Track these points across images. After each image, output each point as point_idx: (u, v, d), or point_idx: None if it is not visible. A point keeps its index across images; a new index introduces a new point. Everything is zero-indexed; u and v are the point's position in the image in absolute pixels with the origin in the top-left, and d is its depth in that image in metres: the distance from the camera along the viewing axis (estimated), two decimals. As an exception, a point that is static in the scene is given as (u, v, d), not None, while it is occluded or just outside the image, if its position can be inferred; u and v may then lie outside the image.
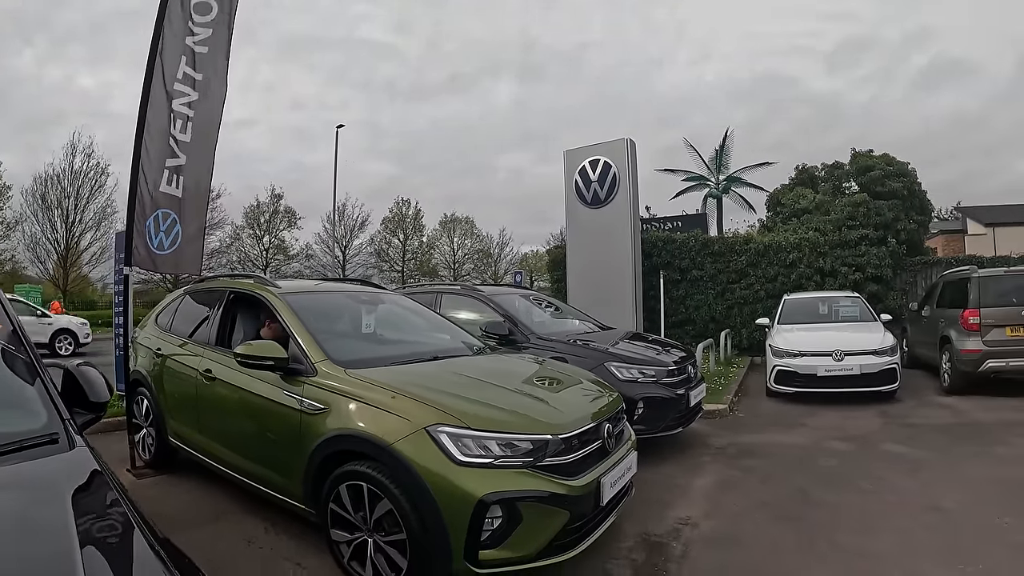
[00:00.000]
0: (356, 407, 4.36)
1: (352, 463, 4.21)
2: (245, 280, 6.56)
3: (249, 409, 5.17)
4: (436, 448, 3.88)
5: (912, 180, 19.93)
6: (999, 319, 10.98)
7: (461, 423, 3.97)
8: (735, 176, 41.04)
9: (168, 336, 6.87)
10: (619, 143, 16.60)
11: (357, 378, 4.57)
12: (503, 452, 3.93)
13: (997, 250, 29.88)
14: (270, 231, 57.59)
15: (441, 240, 65.05)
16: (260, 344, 4.97)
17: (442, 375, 4.95)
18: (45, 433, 2.49)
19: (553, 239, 55.93)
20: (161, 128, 8.45)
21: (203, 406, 5.84)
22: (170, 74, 8.54)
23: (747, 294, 18.09)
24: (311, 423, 4.54)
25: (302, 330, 5.15)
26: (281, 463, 4.85)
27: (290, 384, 4.80)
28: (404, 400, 4.21)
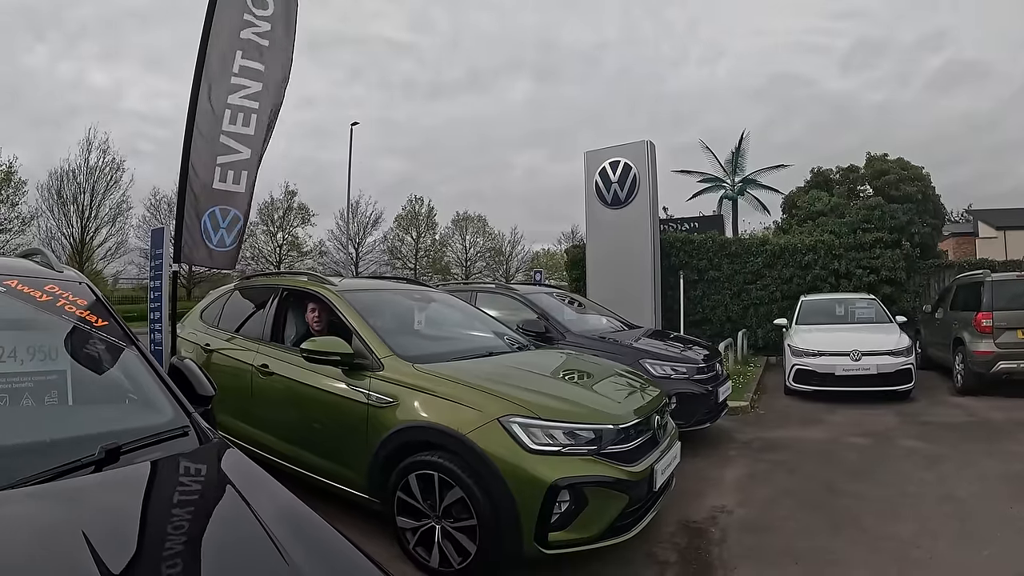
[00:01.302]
0: (427, 400, 4.56)
1: (421, 453, 4.41)
2: (299, 277, 6.74)
3: (310, 403, 5.29)
4: (508, 437, 4.12)
5: (926, 184, 20.13)
6: (1011, 322, 11.29)
7: (531, 413, 4.22)
8: (750, 178, 41.08)
9: (216, 331, 6.88)
10: (639, 145, 16.88)
11: (425, 372, 4.78)
12: (569, 440, 4.18)
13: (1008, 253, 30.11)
14: (284, 227, 57.63)
15: (453, 238, 64.98)
16: (326, 340, 5.15)
17: (504, 369, 5.18)
18: (176, 427, 2.54)
19: (565, 237, 56.16)
20: (215, 125, 8.50)
21: (258, 400, 5.89)
22: (225, 71, 8.59)
23: (763, 295, 18.35)
24: (379, 415, 4.71)
25: (365, 327, 5.31)
26: (344, 454, 5.00)
27: (354, 379, 4.99)
28: (475, 393, 4.45)
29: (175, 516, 2.06)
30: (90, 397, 2.70)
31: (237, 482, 2.27)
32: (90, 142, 45.82)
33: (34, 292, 2.78)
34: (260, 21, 8.91)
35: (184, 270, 15.70)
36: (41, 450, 2.19)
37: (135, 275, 48.02)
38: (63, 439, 2.29)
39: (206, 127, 8.49)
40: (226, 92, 8.59)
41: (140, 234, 45.90)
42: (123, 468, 2.19)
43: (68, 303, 2.83)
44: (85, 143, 45.79)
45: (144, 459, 2.29)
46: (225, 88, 8.58)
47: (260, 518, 1.98)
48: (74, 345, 2.75)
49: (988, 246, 41.70)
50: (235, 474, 2.35)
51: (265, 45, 8.92)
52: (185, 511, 2.12)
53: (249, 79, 8.75)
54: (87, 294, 2.97)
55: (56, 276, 2.98)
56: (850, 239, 18.46)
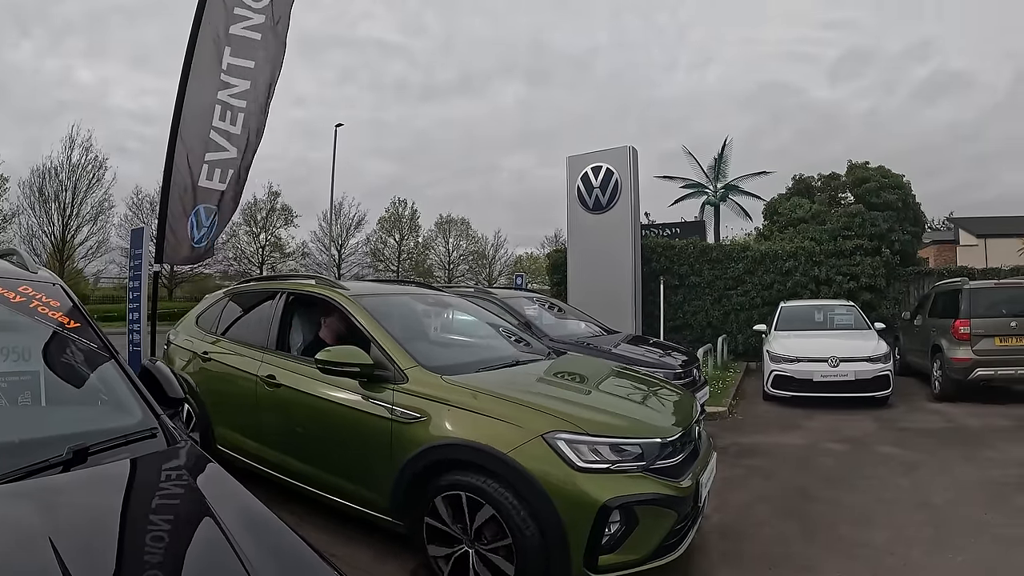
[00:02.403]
0: (461, 415, 4.22)
1: (455, 473, 4.09)
2: (305, 281, 6.31)
3: (324, 418, 4.93)
4: (555, 455, 3.82)
5: (907, 192, 20.27)
6: (989, 329, 11.40)
7: (578, 429, 3.91)
8: (733, 184, 41.34)
9: (214, 338, 6.46)
10: (621, 150, 16.92)
11: (457, 385, 4.45)
12: (616, 456, 3.90)
13: (988, 261, 30.35)
14: (267, 228, 57.42)
15: (437, 241, 64.97)
16: (343, 350, 4.73)
17: (538, 381, 4.99)
18: (145, 428, 2.56)
19: (548, 242, 56.27)
20: (203, 122, 8.43)
21: (264, 414, 5.52)
22: (215, 64, 8.49)
23: (743, 301, 18.38)
24: (405, 432, 4.37)
25: (385, 335, 4.95)
26: (364, 474, 4.66)
27: (374, 391, 4.63)
28: (514, 407, 4.15)
29: (137, 518, 2.08)
30: (63, 398, 2.73)
31: (203, 486, 2.29)
32: (73, 139, 45.48)
33: (8, 293, 2.80)
34: (253, 14, 8.79)
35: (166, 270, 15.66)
36: (10, 450, 2.22)
37: (116, 275, 47.58)
38: (32, 439, 2.34)
39: (194, 123, 8.41)
40: (215, 88, 8.51)
41: (122, 233, 45.26)
42: (90, 469, 2.23)
43: (41, 305, 2.85)
44: (68, 140, 45.44)
45: (111, 460, 2.32)
46: (214, 84, 8.50)
47: (222, 524, 1.98)
48: (47, 346, 2.79)
49: (969, 254, 42.03)
50: (201, 477, 2.38)
51: (257, 39, 8.81)
52: (148, 514, 2.14)
53: (237, 77, 8.67)
54: (61, 296, 2.99)
55: (30, 277, 3.00)
56: (831, 246, 18.55)
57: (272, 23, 8.99)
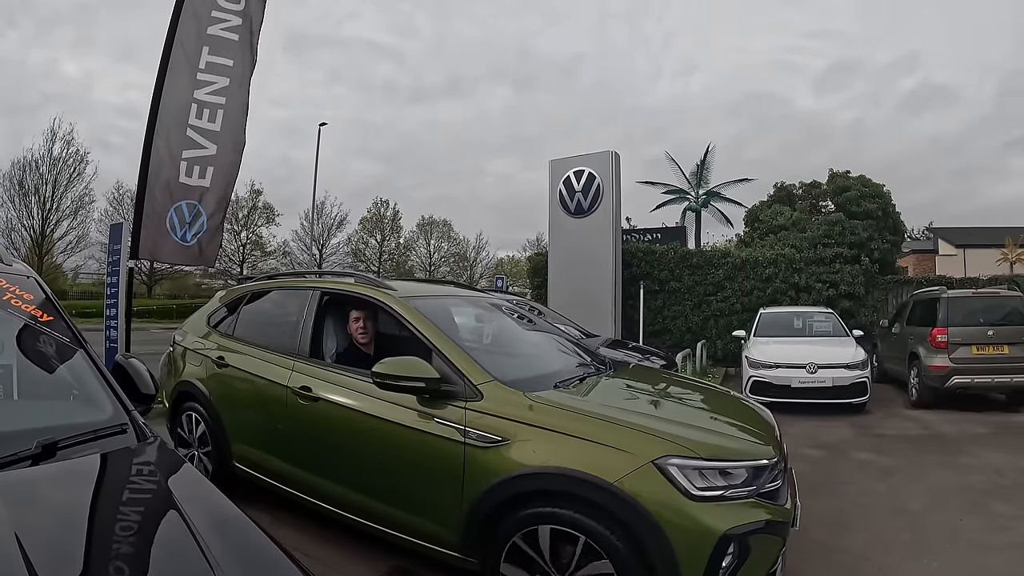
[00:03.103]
0: (556, 440, 3.70)
1: (543, 505, 3.61)
2: (342, 279, 5.71)
3: (377, 440, 4.36)
4: (667, 483, 3.41)
5: (887, 201, 20.38)
6: (966, 338, 11.51)
7: (691, 452, 3.50)
8: (714, 191, 41.50)
9: (232, 342, 5.83)
10: (604, 155, 16.93)
11: (546, 404, 3.97)
12: (729, 482, 3.53)
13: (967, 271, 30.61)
14: (248, 227, 57.28)
15: (418, 242, 65.19)
16: (404, 362, 4.14)
17: (629, 398, 4.62)
18: (115, 424, 2.54)
19: (530, 245, 56.40)
20: (180, 119, 8.42)
21: (296, 430, 4.91)
22: (191, 63, 8.48)
23: (723, 307, 18.44)
24: (482, 458, 3.83)
25: (450, 345, 4.39)
26: (427, 503, 4.12)
27: (437, 409, 4.09)
28: (619, 430, 3.68)
29: (104, 515, 2.05)
30: (35, 392, 2.76)
31: (171, 483, 2.27)
32: (54, 132, 45.22)
33: (-19, 285, 2.77)
34: (230, 16, 8.81)
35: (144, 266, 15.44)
36: None
37: (95, 270, 47.31)
38: (1, 433, 2.32)
39: (171, 121, 8.43)
40: (192, 87, 8.51)
41: (102, 228, 45.23)
42: (58, 463, 2.22)
43: (15, 298, 2.83)
44: (49, 133, 45.14)
45: (80, 455, 2.31)
46: (191, 83, 8.51)
47: (190, 522, 1.96)
48: (19, 340, 2.79)
49: (948, 263, 42.49)
50: (169, 474, 2.35)
51: (234, 40, 8.85)
52: (115, 510, 2.11)
53: (216, 75, 8.70)
54: (35, 289, 2.97)
55: (4, 270, 2.97)
56: (811, 253, 18.68)
57: (248, 24, 8.98)
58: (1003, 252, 43.01)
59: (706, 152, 41.89)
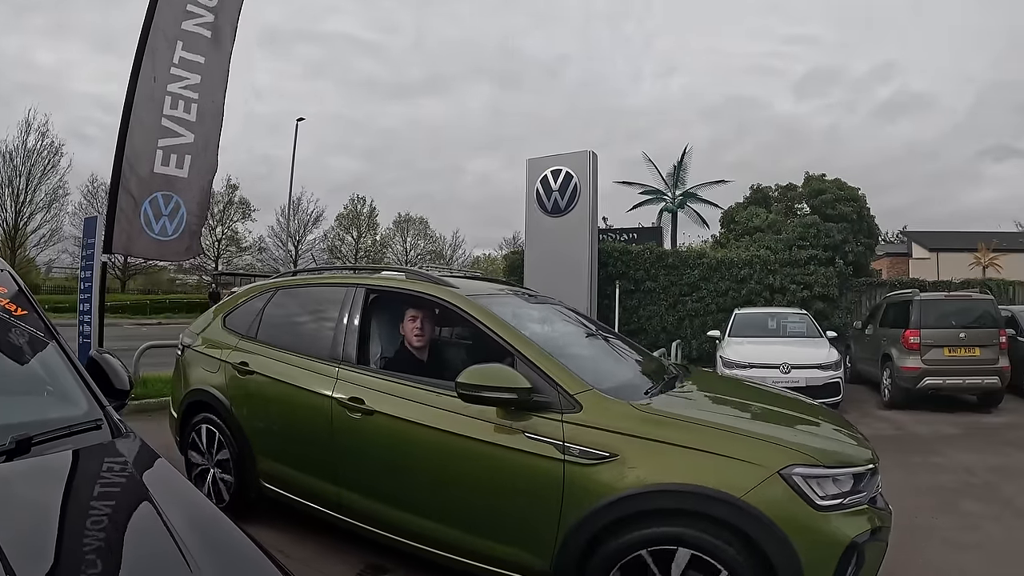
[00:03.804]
0: (670, 453, 3.39)
1: (661, 525, 3.30)
2: (391, 275, 5.23)
3: (451, 458, 3.92)
4: (793, 493, 3.21)
5: (861, 205, 20.60)
6: (938, 340, 11.63)
7: (812, 460, 3.33)
8: (691, 192, 41.62)
9: (255, 345, 5.24)
10: (581, 154, 16.84)
11: (657, 414, 3.65)
12: (845, 489, 3.37)
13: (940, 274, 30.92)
14: (223, 222, 56.86)
15: (394, 240, 65.05)
16: (491, 370, 3.71)
17: (728, 404, 4.34)
18: (90, 420, 2.50)
19: (507, 243, 56.41)
20: (155, 110, 8.36)
21: (344, 448, 4.39)
22: (164, 58, 8.44)
23: (698, 307, 18.45)
24: (586, 477, 3.45)
25: (537, 350, 3.97)
26: (514, 529, 3.72)
27: (523, 422, 3.68)
28: (740, 440, 3.44)
29: (79, 511, 2.03)
30: (9, 387, 2.66)
31: (146, 479, 2.24)
32: (29, 123, 44.61)
33: (-48, 278, 2.71)
34: (204, 12, 8.78)
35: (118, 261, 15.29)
36: None
37: (69, 264, 46.80)
38: None
39: (146, 112, 8.41)
40: (166, 81, 8.50)
41: (75, 222, 44.53)
42: (32, 459, 2.18)
43: None
44: (24, 124, 44.52)
45: (54, 451, 2.27)
46: (165, 77, 8.50)
47: (166, 518, 1.94)
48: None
49: (921, 266, 42.95)
50: (144, 470, 2.33)
51: (208, 37, 8.83)
52: (90, 506, 2.09)
53: (189, 71, 8.71)
54: (8, 282, 2.92)
55: None
56: (785, 255, 18.76)
57: (222, 22, 8.93)
58: (976, 256, 43.47)
59: (683, 153, 42.05)
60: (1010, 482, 7.02)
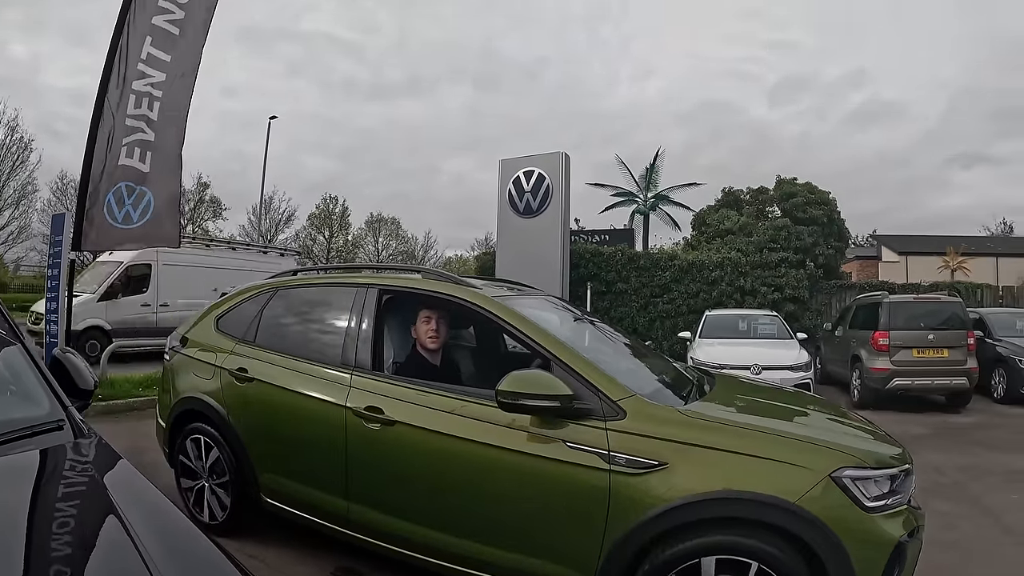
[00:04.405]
0: (721, 459, 3.28)
1: (710, 534, 3.19)
2: (405, 275, 5.08)
3: (484, 471, 3.68)
4: (844, 496, 3.18)
5: (832, 208, 20.78)
6: (907, 341, 11.76)
7: (861, 462, 3.30)
8: (663, 194, 41.73)
9: (253, 350, 4.88)
10: (554, 156, 16.84)
11: (704, 419, 3.54)
12: (889, 489, 3.35)
13: (909, 277, 31.29)
14: (194, 220, 56.19)
15: (366, 240, 64.77)
16: (532, 377, 3.53)
17: (767, 407, 4.28)
18: (52, 420, 2.47)
19: (479, 244, 56.31)
20: (122, 107, 8.31)
21: (360, 462, 4.12)
22: (133, 55, 8.37)
23: (669, 308, 18.50)
24: (634, 487, 3.29)
25: (573, 354, 3.79)
26: (554, 543, 3.51)
27: (561, 430, 3.48)
28: (789, 443, 3.39)
29: (38, 513, 1.99)
30: None
31: (107, 481, 2.19)
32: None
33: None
34: (175, 8, 8.69)
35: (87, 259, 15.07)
36: None
37: (37, 262, 45.99)
38: None
39: (115, 108, 8.34)
40: (132, 77, 8.39)
41: (44, 219, 43.53)
42: None
43: None
44: (-8, 119, 43.76)
45: (15, 452, 2.26)
46: (133, 73, 8.43)
47: (126, 521, 1.89)
48: None
49: (890, 269, 43.37)
50: (106, 472, 2.28)
51: (176, 34, 8.74)
52: (50, 508, 2.05)
53: (154, 68, 8.62)
54: None
55: None
56: (756, 257, 18.88)
57: (193, 21, 8.85)
58: (945, 260, 43.90)
59: (656, 156, 42.07)
60: (978, 481, 7.03)
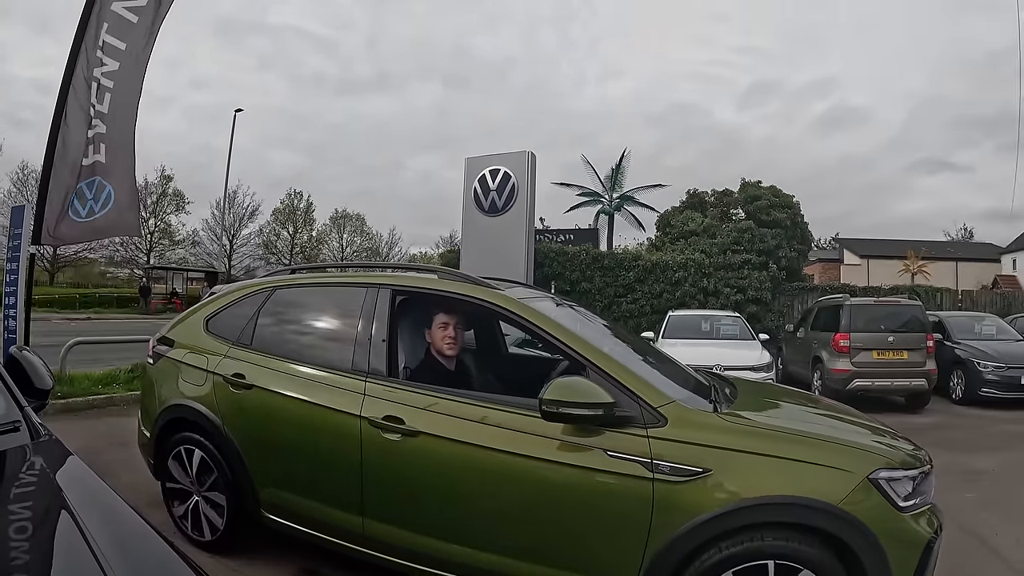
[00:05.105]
0: (764, 464, 3.24)
1: (753, 539, 3.15)
2: (421, 275, 4.74)
3: (520, 483, 3.49)
4: (881, 497, 3.20)
5: (796, 212, 20.93)
6: (867, 343, 11.88)
7: (894, 464, 3.33)
8: (628, 195, 41.91)
9: (250, 354, 4.52)
10: (520, 155, 16.86)
11: (745, 424, 3.51)
12: (917, 489, 3.37)
13: (870, 280, 31.67)
14: (156, 214, 55.57)
15: (331, 236, 64.54)
16: (575, 385, 3.37)
17: (801, 409, 4.30)
18: (7, 422, 2.40)
19: (444, 242, 56.34)
20: (84, 96, 8.24)
21: (378, 475, 3.86)
22: (95, 40, 8.29)
23: (633, 308, 18.60)
24: (678, 495, 3.21)
25: (610, 360, 3.65)
26: (594, 556, 3.40)
27: (594, 438, 3.36)
28: (827, 447, 3.37)
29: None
30: None
31: (64, 483, 2.13)
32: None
33: None
34: None
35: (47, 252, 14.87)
36: None
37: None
38: None
39: (80, 97, 8.20)
40: (92, 64, 8.30)
41: (4, 210, 43.10)
42: None
43: None
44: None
45: None
46: (93, 61, 8.30)
47: (82, 524, 1.83)
48: None
49: (852, 272, 43.99)
50: (62, 474, 2.22)
51: (133, 22, 8.60)
52: (4, 510, 1.97)
53: (109, 56, 8.49)
54: None
55: None
56: (720, 259, 19.03)
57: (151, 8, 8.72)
58: (905, 264, 44.58)
59: (621, 157, 42.27)
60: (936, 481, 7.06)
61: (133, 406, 8.99)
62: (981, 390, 12.28)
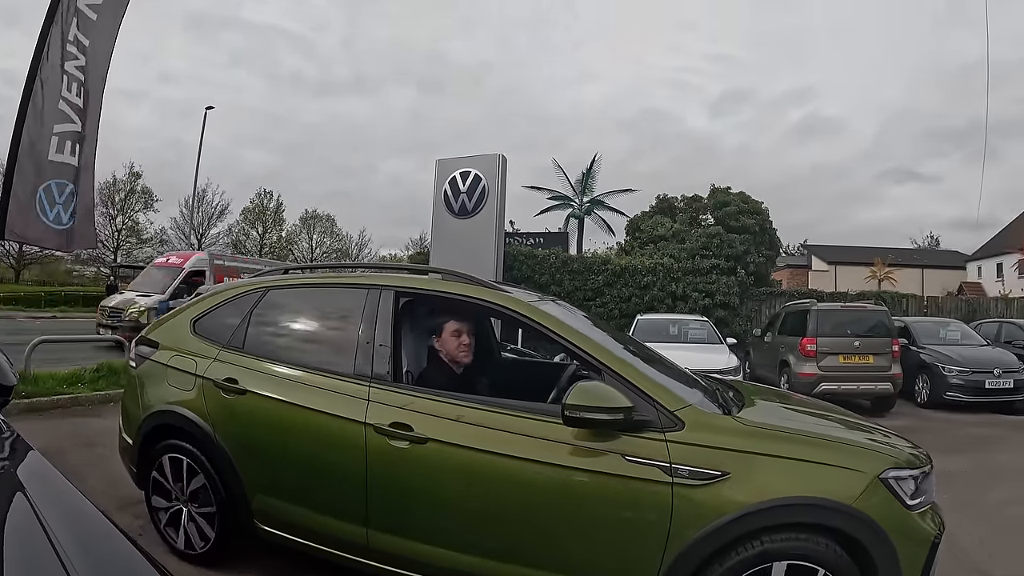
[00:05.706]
0: (780, 466, 3.24)
1: (768, 541, 3.15)
2: (423, 277, 4.65)
3: (533, 489, 3.42)
4: (891, 497, 3.24)
5: (764, 218, 21.11)
6: (833, 347, 12.09)
7: (900, 463, 3.37)
8: (598, 199, 42.07)
9: (242, 358, 4.31)
10: (491, 157, 16.74)
11: (761, 427, 3.49)
12: (922, 488, 3.42)
13: (837, 286, 32.02)
14: (124, 211, 54.88)
15: (300, 236, 64.13)
16: (595, 390, 3.32)
17: (808, 412, 4.29)
18: None
19: (414, 244, 56.15)
20: (54, 89, 8.09)
21: (384, 484, 3.71)
22: (65, 32, 8.17)
23: (602, 312, 18.53)
24: (697, 499, 3.19)
25: (628, 365, 3.64)
26: (613, 562, 3.36)
27: (611, 442, 3.31)
28: (839, 448, 3.42)
29: None
30: None
31: (25, 481, 2.03)
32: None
33: None
34: None
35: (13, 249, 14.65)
36: None
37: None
38: None
39: (48, 90, 8.10)
40: (63, 58, 8.18)
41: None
42: None
43: None
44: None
45: None
46: (62, 53, 8.19)
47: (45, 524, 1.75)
48: None
49: (820, 278, 44.58)
50: (23, 472, 2.11)
51: (93, 19, 8.52)
52: None
53: (78, 51, 8.40)
54: None
55: None
56: (689, 264, 19.15)
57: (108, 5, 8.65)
58: (872, 270, 45.14)
59: (592, 161, 42.46)
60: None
61: (99, 406, 8.91)
62: (946, 394, 12.50)
